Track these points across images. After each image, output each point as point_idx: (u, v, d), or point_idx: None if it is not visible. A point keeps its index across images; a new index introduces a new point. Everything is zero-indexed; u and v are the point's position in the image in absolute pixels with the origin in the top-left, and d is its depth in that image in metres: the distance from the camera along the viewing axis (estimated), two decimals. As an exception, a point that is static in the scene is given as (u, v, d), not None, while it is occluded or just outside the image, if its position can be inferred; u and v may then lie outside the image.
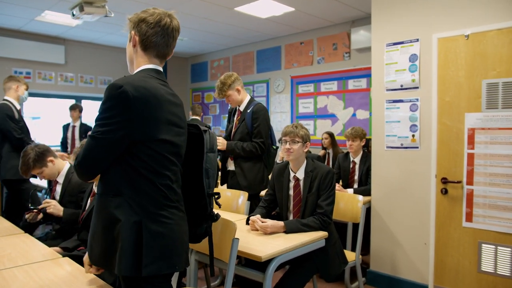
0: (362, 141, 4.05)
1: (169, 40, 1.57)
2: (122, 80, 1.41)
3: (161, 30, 1.54)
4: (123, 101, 1.37)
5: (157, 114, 1.44)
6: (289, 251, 2.15)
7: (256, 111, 3.32)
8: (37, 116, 7.22)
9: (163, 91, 1.50)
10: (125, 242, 1.39)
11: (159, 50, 1.56)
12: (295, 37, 6.52)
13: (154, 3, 4.80)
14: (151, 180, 1.44)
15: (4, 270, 1.81)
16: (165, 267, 1.45)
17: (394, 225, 3.41)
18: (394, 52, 3.36)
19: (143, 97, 1.40)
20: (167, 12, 1.57)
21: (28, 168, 2.89)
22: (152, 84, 1.47)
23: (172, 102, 1.53)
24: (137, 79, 1.45)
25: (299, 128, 2.64)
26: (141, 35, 1.54)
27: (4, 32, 6.29)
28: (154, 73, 1.54)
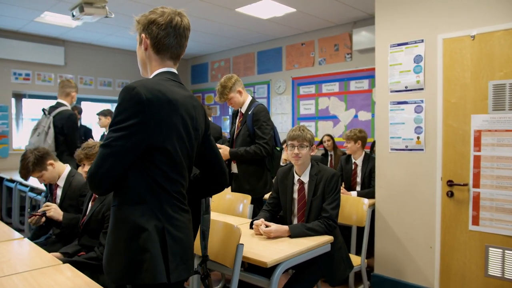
0: (357, 143, 4.02)
1: (182, 40, 1.52)
2: (137, 82, 1.36)
3: (173, 31, 1.48)
4: (136, 104, 1.32)
5: (172, 119, 1.40)
6: (295, 256, 2.11)
7: (256, 113, 3.26)
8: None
9: (180, 95, 1.45)
10: (155, 250, 1.36)
11: (173, 51, 1.52)
12: (296, 38, 6.48)
13: (155, 4, 4.75)
14: (166, 186, 1.41)
15: (3, 277, 1.77)
16: (185, 271, 1.44)
17: (398, 228, 3.36)
18: (398, 53, 3.31)
19: (157, 100, 1.35)
20: (177, 11, 1.52)
21: (28, 172, 2.85)
22: (168, 88, 1.42)
23: (189, 105, 1.48)
24: (152, 81, 1.42)
25: (306, 131, 2.59)
26: (153, 37, 1.49)
27: (3, 34, 6.24)
28: (170, 76, 1.50)
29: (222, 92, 3.30)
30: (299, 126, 2.64)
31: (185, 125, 1.45)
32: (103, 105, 7.54)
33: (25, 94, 6.78)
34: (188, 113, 1.47)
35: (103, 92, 7.46)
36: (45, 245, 2.62)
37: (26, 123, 6.92)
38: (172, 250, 1.39)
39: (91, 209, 2.48)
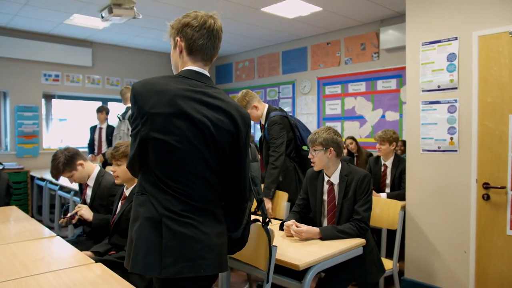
0: (391, 144, 3.88)
1: (215, 42, 1.54)
2: (140, 81, 1.48)
3: (207, 32, 1.51)
4: (132, 97, 1.44)
5: (163, 110, 1.40)
6: (327, 259, 2.06)
7: (268, 125, 3.33)
8: (64, 118, 7.33)
9: (180, 88, 1.43)
10: (140, 241, 1.39)
11: (206, 52, 1.53)
12: (322, 37, 6.41)
13: (181, 5, 4.78)
14: (166, 180, 1.43)
15: (38, 275, 1.79)
16: (189, 270, 1.38)
17: (430, 232, 3.27)
18: (430, 51, 3.22)
19: (146, 92, 1.42)
20: (209, 14, 1.54)
21: (58, 172, 2.89)
22: (164, 82, 1.46)
23: (196, 99, 1.43)
24: (153, 77, 1.49)
25: (319, 134, 2.52)
26: (187, 39, 1.50)
27: (35, 36, 6.40)
28: (187, 73, 1.49)
29: None
30: (319, 129, 2.58)
31: (182, 116, 1.40)
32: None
33: (54, 95, 6.94)
34: (191, 107, 1.42)
35: (129, 92, 7.55)
36: (76, 244, 2.65)
37: (54, 123, 7.08)
38: (169, 244, 1.37)
39: (121, 208, 2.49)
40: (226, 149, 1.49)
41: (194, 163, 1.44)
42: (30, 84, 6.47)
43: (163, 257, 1.36)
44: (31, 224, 2.79)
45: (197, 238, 1.41)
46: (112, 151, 2.55)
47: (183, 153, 1.42)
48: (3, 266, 1.89)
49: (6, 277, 1.75)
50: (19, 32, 6.27)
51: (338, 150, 2.51)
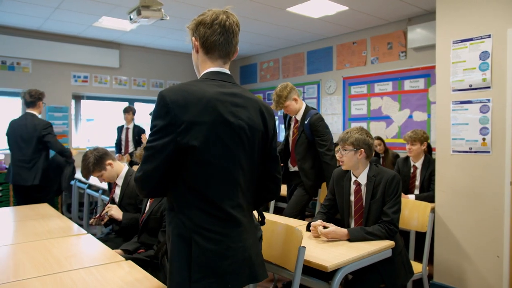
0: (423, 144, 3.80)
1: (229, 36, 1.48)
2: (168, 89, 1.38)
3: (219, 27, 1.46)
4: (162, 107, 1.34)
5: (202, 118, 1.35)
6: (356, 261, 2.04)
7: (313, 123, 3.42)
8: (91, 118, 7.50)
9: (214, 93, 1.40)
10: (177, 260, 1.37)
11: (221, 49, 1.49)
12: (348, 37, 6.34)
13: (207, 5, 4.81)
14: (198, 195, 1.38)
15: (71, 271, 1.83)
16: (215, 285, 1.36)
17: (460, 235, 3.18)
18: (462, 49, 3.14)
19: (183, 99, 1.34)
20: (223, 10, 1.50)
21: (89, 172, 2.96)
22: (198, 87, 1.40)
23: (229, 102, 1.42)
24: (183, 84, 1.41)
25: (351, 134, 2.49)
26: (201, 37, 1.49)
27: (65, 39, 6.58)
28: (212, 75, 1.47)
29: (278, 101, 3.43)
30: (348, 129, 2.55)
31: (223, 123, 1.39)
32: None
33: (83, 96, 7.11)
34: (227, 110, 1.40)
35: (155, 93, 7.66)
36: (106, 241, 2.71)
37: (82, 123, 7.25)
38: (197, 261, 1.35)
39: (150, 207, 2.53)
40: (257, 146, 1.50)
41: (231, 170, 1.42)
42: (60, 85, 6.65)
43: (192, 272, 1.35)
44: (62, 221, 2.87)
45: (225, 254, 1.38)
46: (140, 152, 2.59)
47: (222, 162, 1.40)
48: (38, 262, 1.95)
49: (42, 273, 1.81)
50: (50, 35, 6.46)
51: (368, 152, 2.48)
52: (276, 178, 1.62)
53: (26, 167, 4.10)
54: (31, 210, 3.26)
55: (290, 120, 3.68)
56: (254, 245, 1.49)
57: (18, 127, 4.15)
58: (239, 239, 1.42)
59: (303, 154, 3.50)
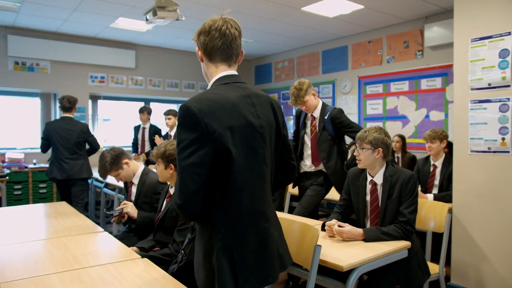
0: (442, 142, 3.77)
1: (227, 40, 1.49)
2: (190, 100, 1.37)
3: (217, 32, 1.49)
4: (190, 118, 1.32)
5: (231, 123, 1.37)
6: (371, 261, 2.02)
7: (335, 117, 3.34)
8: (107, 118, 7.60)
9: (234, 97, 1.42)
10: (221, 268, 1.37)
11: (221, 52, 1.51)
12: (363, 36, 6.29)
13: (221, 6, 4.83)
14: (235, 198, 1.39)
15: (89, 268, 1.87)
16: (258, 283, 1.42)
17: (479, 236, 3.13)
18: (480, 47, 3.08)
19: (209, 109, 1.34)
20: (221, 17, 1.53)
21: (106, 171, 3.00)
22: (219, 93, 1.42)
23: (247, 104, 1.46)
24: (203, 93, 1.42)
25: (369, 133, 2.46)
26: (202, 45, 1.53)
27: (82, 40, 6.70)
28: (223, 80, 1.50)
29: (298, 95, 3.32)
30: (369, 127, 2.52)
31: (249, 126, 1.42)
32: (170, 106, 7.82)
33: (100, 96, 7.21)
34: (249, 112, 1.44)
35: (170, 93, 7.74)
36: (122, 239, 2.74)
37: (100, 123, 7.36)
38: (241, 266, 1.38)
39: (166, 206, 2.55)
40: (274, 141, 1.56)
41: (259, 169, 1.46)
42: (78, 85, 6.76)
43: (238, 279, 1.37)
44: (80, 219, 2.91)
45: (262, 254, 1.44)
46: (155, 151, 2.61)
47: (251, 163, 1.42)
48: (57, 259, 1.99)
49: (60, 269, 1.84)
50: (68, 37, 6.58)
51: (386, 151, 2.46)
52: (291, 164, 1.69)
53: (73, 164, 4.64)
54: (50, 208, 3.32)
55: (306, 119, 3.54)
56: (279, 236, 1.55)
57: (61, 129, 4.64)
58: (270, 234, 1.48)
59: (328, 152, 3.37)
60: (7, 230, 2.58)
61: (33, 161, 6.30)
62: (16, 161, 5.92)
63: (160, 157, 2.54)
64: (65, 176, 4.60)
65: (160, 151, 2.55)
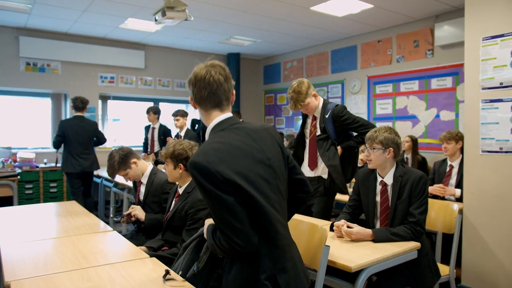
0: (458, 143, 3.76)
1: (212, 88, 1.53)
2: (197, 154, 1.41)
3: (201, 83, 1.54)
4: (203, 171, 1.36)
5: (241, 167, 1.41)
6: (380, 262, 2.00)
7: (337, 115, 3.06)
8: (117, 118, 7.66)
9: (237, 140, 1.47)
10: None
11: (210, 101, 1.55)
12: (372, 35, 6.25)
13: (230, 6, 4.83)
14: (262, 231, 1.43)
15: (98, 266, 1.88)
16: None
17: (490, 238, 3.09)
18: (492, 46, 3.04)
19: (217, 159, 1.38)
20: (208, 63, 1.58)
21: (114, 171, 3.02)
22: (221, 141, 1.46)
23: (250, 142, 1.50)
24: (206, 144, 1.47)
25: (379, 133, 2.44)
26: (192, 95, 1.59)
27: (92, 40, 6.75)
28: (221, 126, 1.54)
29: (297, 99, 3.03)
30: (377, 127, 2.50)
31: (260, 163, 1.47)
32: (179, 106, 7.84)
33: (109, 96, 7.26)
34: (254, 150, 1.49)
35: (179, 93, 7.76)
36: (131, 238, 2.76)
37: (108, 123, 7.41)
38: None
39: (175, 205, 2.55)
40: (282, 167, 1.59)
41: (276, 199, 1.50)
42: (88, 85, 6.81)
43: None
44: (89, 218, 2.93)
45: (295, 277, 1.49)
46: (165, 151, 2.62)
47: (269, 196, 1.46)
48: (66, 257, 2.01)
49: (70, 268, 1.86)
50: (78, 37, 6.63)
51: (397, 151, 2.44)
52: (301, 180, 1.71)
53: (87, 158, 5.23)
54: (60, 208, 3.35)
55: (307, 117, 3.28)
56: (299, 255, 1.60)
57: (77, 127, 5.18)
58: (297, 257, 1.56)
59: (329, 153, 3.09)
60: (19, 229, 2.60)
61: (44, 161, 6.36)
62: (27, 161, 5.98)
63: (169, 157, 2.55)
64: (79, 169, 5.13)
65: (169, 151, 2.56)
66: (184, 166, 2.51)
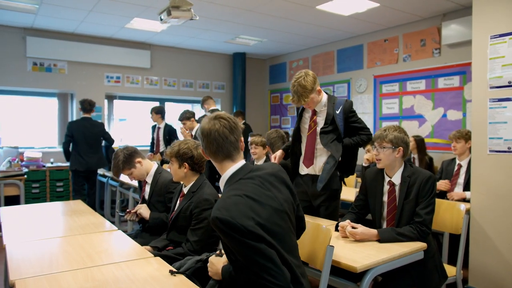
0: (467, 142, 3.74)
1: (219, 142, 1.63)
2: (219, 210, 1.48)
3: (209, 138, 1.64)
4: (227, 226, 1.44)
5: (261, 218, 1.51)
6: (386, 263, 1.98)
7: (349, 110, 2.88)
8: (123, 118, 7.68)
9: (252, 191, 1.56)
10: None
11: (219, 153, 1.65)
12: (379, 34, 6.21)
13: (236, 5, 4.82)
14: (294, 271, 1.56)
15: (102, 266, 1.88)
16: None
17: (498, 238, 3.05)
18: (500, 44, 3.01)
19: (238, 213, 1.47)
20: (212, 116, 1.68)
21: (119, 170, 3.02)
22: (239, 195, 1.54)
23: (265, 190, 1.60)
24: (226, 198, 1.54)
25: (389, 132, 2.41)
26: (204, 148, 1.70)
27: (99, 40, 6.78)
28: (235, 177, 1.64)
29: (302, 94, 2.76)
30: (386, 126, 2.47)
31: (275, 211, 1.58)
32: (185, 106, 7.85)
33: (115, 96, 7.28)
34: (270, 198, 1.59)
35: (185, 93, 7.76)
36: (136, 237, 2.76)
37: (116, 122, 7.43)
38: None
39: (180, 205, 2.55)
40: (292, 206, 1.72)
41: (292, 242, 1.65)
42: (94, 85, 6.85)
43: None
44: (95, 217, 2.94)
45: None
46: (170, 150, 2.61)
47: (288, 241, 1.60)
48: (71, 256, 2.01)
49: (75, 267, 1.86)
50: (85, 37, 6.66)
51: (406, 151, 2.41)
52: (301, 217, 1.85)
53: (93, 157, 5.52)
54: (66, 207, 3.36)
55: (304, 112, 3.03)
56: None
57: (84, 128, 5.46)
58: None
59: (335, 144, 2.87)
60: (24, 228, 2.61)
61: (50, 160, 6.40)
62: (34, 160, 6.02)
63: (174, 156, 2.54)
64: (85, 167, 5.45)
65: (174, 150, 2.56)
66: (189, 165, 2.51)
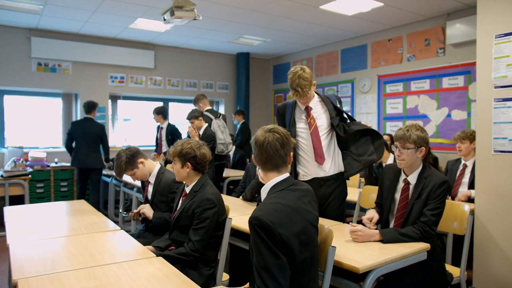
0: (472, 143, 3.71)
1: (269, 154, 1.74)
2: (260, 212, 1.56)
3: (261, 149, 1.75)
4: (266, 230, 1.52)
5: (297, 229, 1.60)
6: (389, 263, 1.97)
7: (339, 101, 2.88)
8: (128, 118, 7.69)
9: (293, 202, 1.67)
10: None
11: (267, 164, 1.77)
12: (383, 34, 6.19)
13: (240, 5, 4.82)
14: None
15: (105, 265, 1.88)
16: None
17: (503, 239, 3.03)
18: (505, 44, 2.98)
19: (279, 220, 1.55)
20: (267, 129, 1.79)
21: (121, 170, 3.02)
22: (281, 203, 1.63)
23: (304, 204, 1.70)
24: (268, 204, 1.65)
25: (412, 131, 2.35)
26: (255, 156, 1.81)
27: (103, 41, 6.80)
28: (279, 186, 1.74)
29: (305, 85, 2.66)
30: (407, 125, 2.42)
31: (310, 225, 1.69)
32: (189, 106, 7.85)
33: (119, 96, 7.31)
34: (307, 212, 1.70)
35: (189, 93, 7.77)
36: (138, 237, 2.76)
37: (120, 122, 7.46)
38: None
39: (182, 205, 2.55)
40: None
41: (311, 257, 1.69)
42: (98, 85, 6.87)
43: None
44: (98, 217, 2.95)
45: None
46: (173, 150, 2.61)
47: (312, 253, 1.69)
48: (74, 256, 2.02)
49: (77, 266, 1.86)
50: (89, 38, 6.69)
51: (427, 150, 2.40)
52: None
53: (91, 156, 5.63)
54: (70, 206, 3.38)
55: (295, 113, 2.93)
56: None
57: (84, 128, 5.62)
58: None
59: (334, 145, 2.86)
60: (28, 227, 2.62)
61: (55, 160, 6.43)
62: (38, 160, 6.05)
63: (176, 155, 2.54)
64: (83, 165, 5.62)
65: (176, 149, 2.55)
66: (191, 164, 2.51)
